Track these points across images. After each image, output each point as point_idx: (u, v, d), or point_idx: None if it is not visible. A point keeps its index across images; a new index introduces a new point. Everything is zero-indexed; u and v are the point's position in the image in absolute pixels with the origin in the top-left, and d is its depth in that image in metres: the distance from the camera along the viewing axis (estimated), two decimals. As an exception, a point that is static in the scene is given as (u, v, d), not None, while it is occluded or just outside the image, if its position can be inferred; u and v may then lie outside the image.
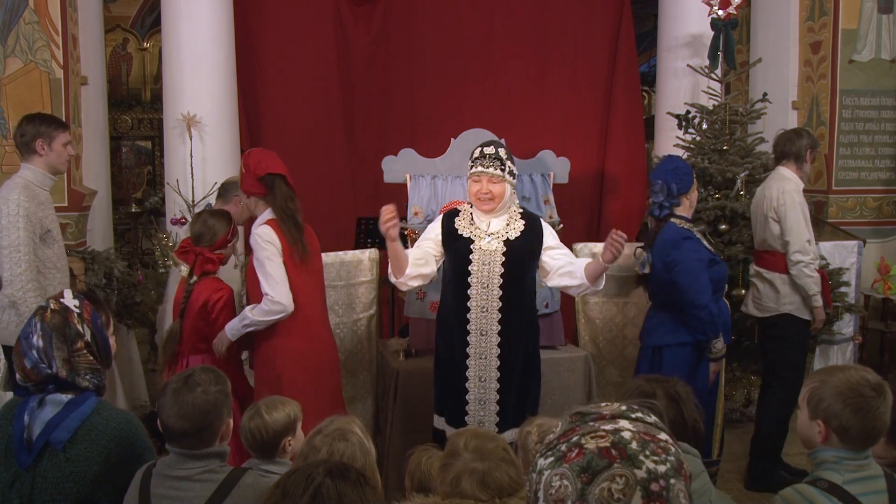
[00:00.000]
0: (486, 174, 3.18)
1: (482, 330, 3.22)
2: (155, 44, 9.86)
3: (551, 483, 1.04)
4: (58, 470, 2.05)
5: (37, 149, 3.51)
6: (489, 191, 3.19)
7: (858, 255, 5.68)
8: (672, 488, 1.01)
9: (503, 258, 3.21)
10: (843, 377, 1.99)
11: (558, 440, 1.09)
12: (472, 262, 3.22)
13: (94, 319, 2.19)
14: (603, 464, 1.01)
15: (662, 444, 1.05)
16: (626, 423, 1.07)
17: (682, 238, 3.65)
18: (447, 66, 6.38)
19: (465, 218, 3.32)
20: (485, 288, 3.20)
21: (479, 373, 3.24)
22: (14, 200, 3.34)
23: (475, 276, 3.21)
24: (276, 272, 3.20)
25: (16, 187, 3.39)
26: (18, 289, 3.32)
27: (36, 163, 3.52)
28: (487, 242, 3.23)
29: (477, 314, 3.22)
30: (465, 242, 3.25)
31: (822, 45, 6.20)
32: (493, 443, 1.96)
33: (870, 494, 1.94)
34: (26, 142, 3.51)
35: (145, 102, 10.41)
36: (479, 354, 3.23)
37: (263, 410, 2.45)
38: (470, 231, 3.27)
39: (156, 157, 10.27)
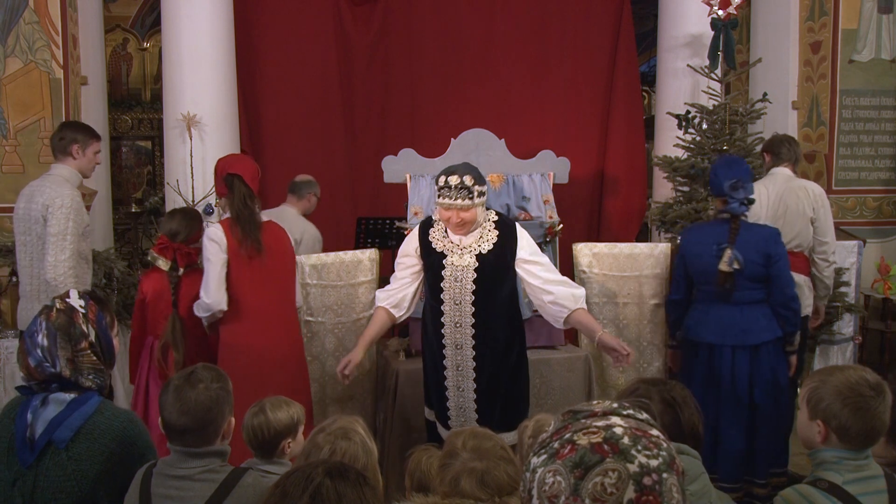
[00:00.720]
0: (454, 206, 3.08)
1: (457, 343, 3.24)
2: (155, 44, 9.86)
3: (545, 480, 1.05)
4: (60, 469, 2.05)
5: (72, 152, 3.84)
6: (461, 218, 3.12)
7: (858, 255, 5.68)
8: (665, 482, 1.02)
9: (475, 274, 3.18)
10: (843, 377, 1.99)
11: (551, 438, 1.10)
12: (444, 278, 3.21)
13: (98, 320, 2.19)
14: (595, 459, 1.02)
15: (654, 439, 1.06)
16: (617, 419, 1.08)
17: (777, 233, 3.71)
18: (447, 66, 6.38)
19: (439, 230, 3.28)
20: (457, 304, 3.20)
21: (457, 382, 3.27)
22: (68, 195, 3.71)
23: (447, 293, 3.21)
24: (212, 273, 3.34)
25: (65, 183, 3.77)
26: (60, 274, 3.63)
27: (69, 164, 3.85)
28: (459, 257, 3.21)
29: (451, 329, 3.23)
30: (438, 257, 3.23)
31: (822, 45, 6.20)
32: (490, 442, 1.97)
33: (870, 494, 1.94)
34: (63, 145, 3.83)
35: (145, 102, 10.41)
36: (456, 366, 3.26)
37: (268, 409, 2.45)
38: (443, 245, 3.24)
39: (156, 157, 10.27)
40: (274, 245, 3.49)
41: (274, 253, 3.49)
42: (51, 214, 3.67)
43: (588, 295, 4.46)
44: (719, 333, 3.68)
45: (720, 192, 3.72)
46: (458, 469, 1.88)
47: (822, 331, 5.46)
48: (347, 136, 6.30)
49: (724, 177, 3.68)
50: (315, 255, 4.19)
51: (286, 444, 2.46)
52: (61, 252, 3.64)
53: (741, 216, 3.69)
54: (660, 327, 4.45)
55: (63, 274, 3.63)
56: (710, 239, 3.71)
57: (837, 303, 5.39)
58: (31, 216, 3.76)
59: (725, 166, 3.76)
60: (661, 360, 4.46)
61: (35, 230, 3.76)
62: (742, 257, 3.60)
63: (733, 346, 3.66)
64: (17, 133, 5.08)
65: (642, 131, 6.88)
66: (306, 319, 4.07)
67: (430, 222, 3.33)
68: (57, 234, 3.65)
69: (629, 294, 4.44)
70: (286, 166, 5.97)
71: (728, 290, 3.68)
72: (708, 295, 3.75)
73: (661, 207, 5.56)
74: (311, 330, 4.09)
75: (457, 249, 3.22)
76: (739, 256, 3.61)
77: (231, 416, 2.13)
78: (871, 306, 6.03)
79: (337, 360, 4.15)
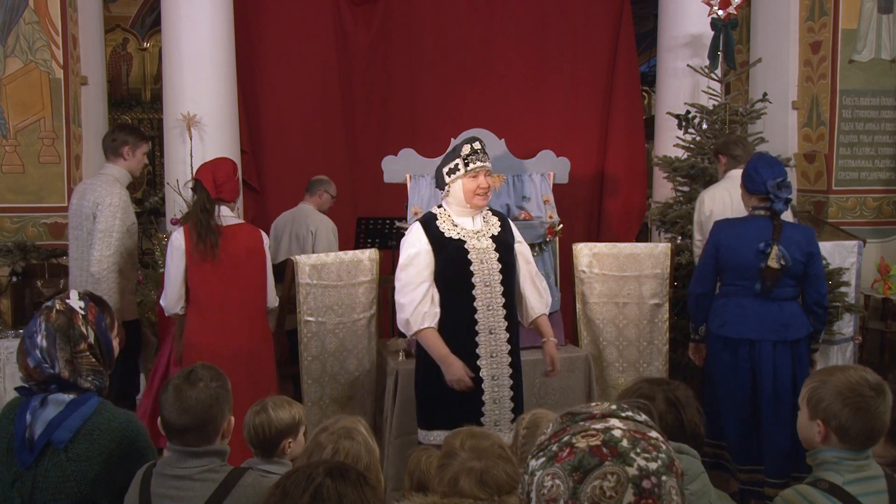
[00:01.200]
0: (484, 168, 3.20)
1: (490, 328, 3.20)
2: (155, 44, 9.86)
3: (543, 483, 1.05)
4: (59, 469, 2.05)
5: (123, 153, 4.06)
6: (487, 185, 3.21)
7: (858, 255, 5.68)
8: (664, 485, 1.01)
9: (497, 254, 3.23)
10: (843, 377, 1.99)
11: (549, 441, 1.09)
12: (472, 261, 3.19)
13: (98, 322, 2.19)
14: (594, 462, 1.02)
15: (653, 441, 1.05)
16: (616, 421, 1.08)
17: (814, 233, 3.84)
18: (447, 67, 6.38)
19: (445, 221, 3.26)
20: (487, 286, 3.19)
21: (492, 371, 3.22)
22: (118, 194, 3.94)
23: (478, 276, 3.19)
24: (169, 278, 3.58)
25: (116, 182, 3.99)
26: (105, 268, 3.84)
27: (120, 164, 4.06)
28: (478, 241, 3.23)
29: (484, 313, 3.20)
30: (457, 244, 3.21)
31: (822, 45, 6.20)
32: (489, 441, 1.97)
33: (870, 495, 1.94)
34: (115, 146, 4.06)
35: (145, 102, 10.41)
36: (490, 353, 3.21)
37: (270, 407, 2.45)
38: (457, 232, 3.23)
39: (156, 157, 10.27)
40: (239, 247, 3.62)
41: (239, 255, 3.61)
42: (100, 212, 3.87)
43: (588, 295, 4.48)
44: (760, 329, 3.68)
45: (761, 189, 3.71)
46: (457, 468, 1.88)
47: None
48: (347, 136, 6.30)
49: (768, 175, 3.69)
50: (315, 255, 4.19)
51: (287, 444, 2.46)
52: (107, 248, 3.85)
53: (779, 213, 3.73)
54: (660, 327, 4.45)
55: (107, 269, 3.84)
56: (749, 234, 3.70)
57: (837, 303, 5.39)
58: (82, 212, 3.96)
59: (767, 165, 3.75)
60: (661, 360, 4.46)
61: (85, 226, 3.95)
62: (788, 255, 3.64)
63: (774, 342, 3.67)
64: (17, 133, 5.09)
65: (642, 131, 6.88)
66: (306, 319, 4.07)
67: (431, 216, 3.30)
68: (104, 230, 3.85)
69: (629, 294, 4.44)
70: (286, 166, 5.98)
71: (770, 287, 3.68)
72: (742, 290, 3.72)
73: (661, 207, 5.56)
74: (311, 330, 4.09)
75: (472, 235, 3.24)
76: (787, 254, 3.64)
77: (231, 415, 2.13)
78: (871, 306, 6.03)
79: (337, 360, 4.16)
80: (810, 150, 6.35)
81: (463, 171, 3.20)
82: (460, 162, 3.21)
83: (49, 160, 5.11)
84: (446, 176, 3.25)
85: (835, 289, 5.39)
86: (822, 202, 6.27)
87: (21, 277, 4.52)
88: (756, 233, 3.70)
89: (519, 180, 4.41)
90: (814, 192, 6.35)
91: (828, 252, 5.58)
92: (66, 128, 5.12)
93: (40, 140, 5.10)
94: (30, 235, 5.10)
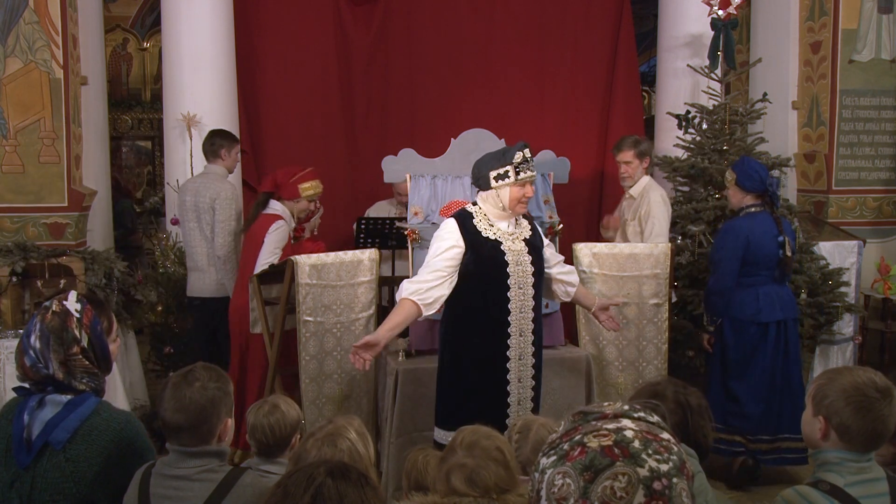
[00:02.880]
0: (533, 177, 3.26)
1: (521, 330, 3.25)
2: (155, 44, 9.86)
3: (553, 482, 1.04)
4: (57, 470, 2.05)
5: (221, 155, 4.84)
6: (532, 194, 3.28)
7: (858, 255, 5.68)
8: (675, 487, 1.01)
9: (530, 257, 3.27)
10: (851, 377, 1.97)
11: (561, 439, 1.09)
12: (509, 263, 3.22)
13: (93, 325, 2.18)
14: (605, 462, 1.01)
15: (665, 443, 1.05)
16: (628, 422, 1.07)
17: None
18: (447, 67, 6.37)
19: (482, 220, 3.26)
20: (521, 289, 3.24)
21: (519, 374, 3.26)
22: (231, 188, 4.79)
23: (513, 278, 3.22)
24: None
25: (222, 179, 4.80)
26: (229, 251, 4.72)
27: (219, 164, 4.84)
28: (513, 243, 3.26)
29: (516, 315, 3.23)
30: (494, 244, 3.22)
31: (822, 45, 6.20)
32: (488, 441, 1.95)
33: (872, 497, 1.92)
34: (215, 149, 4.84)
35: (145, 102, 10.41)
36: (519, 356, 3.26)
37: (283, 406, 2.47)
38: (493, 233, 3.25)
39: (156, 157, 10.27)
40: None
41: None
42: (218, 205, 4.69)
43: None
44: (786, 310, 4.31)
45: (761, 188, 4.24)
46: (450, 465, 1.89)
47: (822, 331, 5.46)
48: (347, 136, 6.30)
49: (765, 174, 4.28)
50: (315, 255, 4.19)
51: (296, 440, 2.48)
52: (228, 234, 4.72)
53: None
54: (660, 327, 4.45)
55: (229, 249, 4.72)
56: (766, 229, 4.22)
57: (837, 303, 5.39)
58: (200, 206, 4.74)
59: (760, 166, 4.34)
60: (661, 360, 4.46)
61: (204, 218, 4.74)
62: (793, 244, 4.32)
63: (794, 319, 4.39)
64: (17, 133, 5.08)
65: (642, 131, 6.87)
66: (305, 319, 4.07)
67: (468, 214, 3.28)
68: (224, 220, 4.70)
69: (629, 294, 4.44)
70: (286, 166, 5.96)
71: (786, 273, 4.34)
72: (763, 279, 4.27)
73: (662, 207, 5.55)
74: (309, 330, 4.09)
75: (507, 236, 3.27)
76: (792, 243, 4.31)
77: (229, 418, 2.12)
78: (871, 306, 6.03)
79: (335, 360, 4.16)
80: (810, 150, 6.35)
81: (514, 179, 3.20)
82: (511, 169, 3.20)
83: (49, 160, 5.11)
84: (493, 180, 3.22)
85: (835, 289, 5.40)
86: (822, 202, 6.27)
87: (21, 277, 4.52)
88: (768, 227, 4.22)
89: (519, 180, 4.40)
90: (814, 192, 6.35)
91: (828, 252, 5.59)
92: (66, 128, 5.11)
93: (40, 140, 5.09)
94: (30, 235, 5.09)
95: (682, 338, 5.14)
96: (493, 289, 3.21)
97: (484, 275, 3.20)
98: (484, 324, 3.22)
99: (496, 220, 3.27)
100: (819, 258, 5.47)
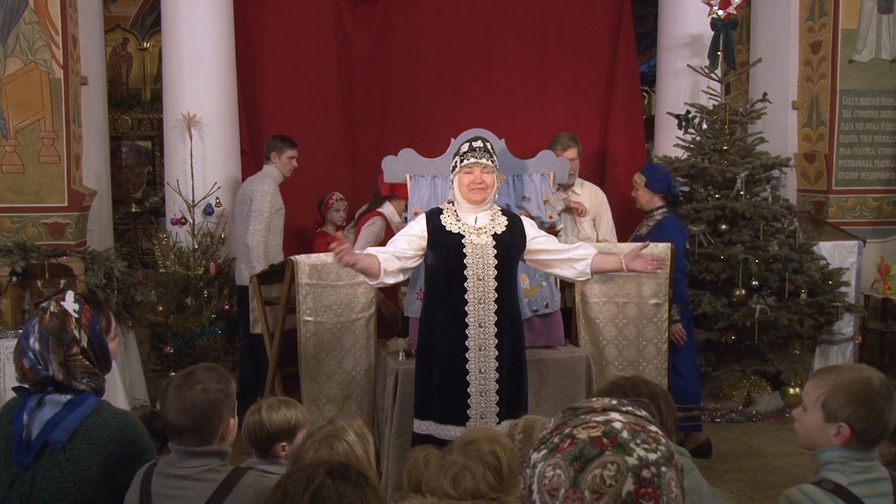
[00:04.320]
0: (479, 164, 3.32)
1: (480, 322, 3.33)
2: (155, 44, 9.87)
3: (545, 474, 1.06)
4: (57, 470, 2.05)
5: (271, 158, 5.14)
6: (482, 180, 3.33)
7: (858, 255, 5.68)
8: (663, 475, 1.03)
9: (495, 251, 3.34)
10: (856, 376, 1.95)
11: (551, 434, 1.11)
12: (467, 255, 3.32)
13: (92, 325, 2.17)
14: (595, 451, 1.03)
15: (653, 434, 1.07)
16: (616, 415, 1.10)
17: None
18: (447, 66, 6.37)
19: (450, 215, 3.41)
20: (480, 280, 3.32)
21: (479, 365, 3.34)
22: (268, 184, 5.05)
23: (471, 269, 3.32)
24: None
25: (267, 177, 5.10)
26: (256, 240, 4.93)
27: (270, 166, 5.14)
28: (477, 237, 3.35)
29: (475, 306, 3.32)
30: (456, 238, 3.35)
31: (822, 45, 6.20)
32: (487, 442, 1.91)
33: (875, 497, 1.91)
34: (267, 152, 5.18)
35: (145, 102, 10.41)
36: (479, 346, 3.34)
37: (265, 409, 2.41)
38: (458, 227, 3.37)
39: (156, 157, 10.27)
40: None
41: None
42: (254, 197, 4.98)
43: (588, 295, 4.48)
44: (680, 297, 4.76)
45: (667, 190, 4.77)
46: (443, 462, 1.88)
47: (822, 331, 5.47)
48: (347, 136, 6.30)
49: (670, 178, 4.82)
50: (315, 255, 4.19)
51: (280, 447, 2.41)
52: (258, 223, 4.94)
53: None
54: (659, 327, 4.45)
55: (257, 240, 4.93)
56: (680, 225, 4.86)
57: (837, 303, 5.39)
58: (242, 199, 5.08)
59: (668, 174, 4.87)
60: (660, 359, 4.46)
61: (243, 210, 5.04)
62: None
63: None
64: (17, 133, 5.08)
65: (642, 131, 6.88)
66: (305, 319, 4.07)
67: (438, 210, 3.46)
68: (256, 211, 4.95)
69: (629, 294, 4.43)
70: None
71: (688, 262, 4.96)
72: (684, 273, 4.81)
73: (661, 207, 5.55)
74: (309, 329, 4.09)
75: (473, 230, 3.36)
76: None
77: (231, 418, 2.11)
78: (871, 306, 6.03)
79: (335, 360, 4.16)
80: (810, 150, 6.35)
81: (458, 167, 3.37)
82: (457, 159, 3.38)
83: (49, 160, 5.11)
84: (451, 173, 3.44)
85: (835, 289, 5.40)
86: (822, 202, 6.27)
87: (21, 277, 4.52)
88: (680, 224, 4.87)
89: (519, 180, 4.40)
90: (814, 192, 6.35)
91: (828, 252, 5.60)
92: (66, 128, 5.11)
93: (40, 140, 5.09)
94: (30, 235, 5.10)
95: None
96: (452, 280, 3.33)
97: (444, 267, 3.35)
98: (445, 315, 3.36)
99: (465, 215, 3.40)
100: (819, 258, 5.48)
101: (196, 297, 5.27)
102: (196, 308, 5.25)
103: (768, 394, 5.33)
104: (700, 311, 5.11)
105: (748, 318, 5.01)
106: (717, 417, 5.23)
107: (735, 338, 5.15)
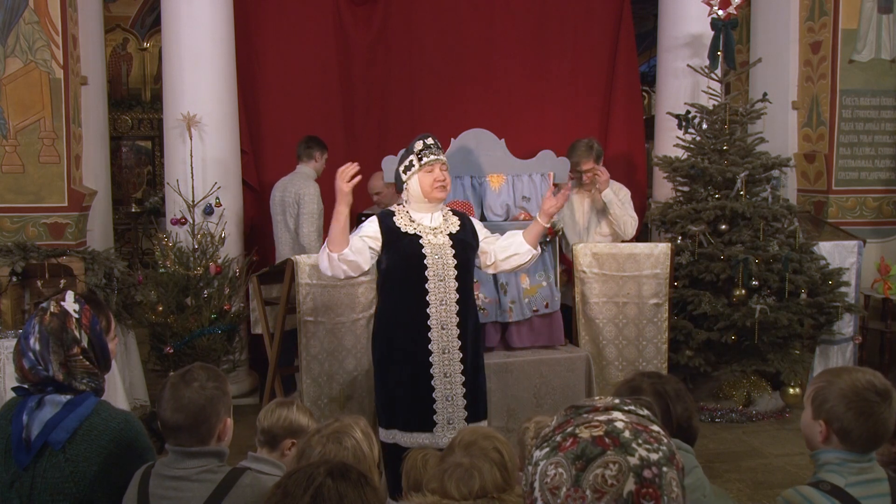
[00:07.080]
0: (439, 161, 3.27)
1: (443, 324, 3.22)
2: (155, 44, 9.86)
3: (546, 472, 1.07)
4: (57, 470, 2.05)
5: (315, 157, 5.46)
6: (444, 178, 3.28)
7: (858, 255, 5.68)
8: (664, 475, 1.03)
9: (453, 251, 3.26)
10: (850, 380, 1.97)
11: (553, 432, 1.12)
12: (426, 255, 3.22)
13: (92, 325, 2.17)
14: (596, 451, 1.04)
15: (655, 434, 1.08)
16: (619, 414, 1.10)
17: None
18: (447, 66, 6.37)
19: (403, 217, 3.31)
20: (441, 281, 3.22)
21: (444, 368, 3.22)
22: (314, 185, 5.35)
23: (431, 270, 3.22)
24: None
25: (309, 178, 5.38)
26: (313, 240, 5.24)
27: (310, 165, 5.46)
28: (434, 237, 3.27)
29: (436, 308, 3.21)
30: (413, 238, 3.25)
31: (822, 45, 6.20)
32: (486, 441, 1.94)
33: (872, 498, 1.92)
34: (310, 152, 5.46)
35: (145, 102, 10.41)
36: (443, 349, 3.22)
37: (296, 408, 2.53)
38: (413, 228, 3.27)
39: (156, 157, 10.27)
40: None
41: None
42: (303, 200, 5.25)
43: (588, 295, 4.49)
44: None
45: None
46: (447, 464, 1.88)
47: (822, 331, 5.47)
48: (347, 136, 6.30)
49: None
50: (315, 255, 4.19)
51: (289, 444, 2.46)
52: (311, 225, 5.27)
53: None
54: (659, 327, 4.46)
55: (314, 240, 5.24)
56: None
57: (837, 303, 5.39)
58: (287, 201, 5.32)
59: None
60: (660, 359, 4.46)
61: (289, 211, 5.31)
62: None
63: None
64: (17, 133, 5.08)
65: (642, 131, 6.88)
66: (305, 320, 4.07)
67: (389, 212, 3.34)
68: (308, 213, 5.25)
69: (629, 294, 4.44)
70: (286, 166, 5.96)
71: None
72: None
73: (661, 207, 5.56)
74: (309, 330, 4.09)
75: (429, 230, 3.28)
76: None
77: (227, 417, 2.11)
78: (871, 306, 6.03)
79: (336, 360, 4.17)
80: (810, 150, 6.35)
81: (418, 167, 3.27)
82: (414, 158, 3.29)
83: (49, 160, 5.11)
84: (402, 175, 3.32)
85: (835, 289, 5.40)
86: (822, 202, 6.27)
87: (21, 277, 4.52)
88: None
89: (519, 180, 4.41)
90: (814, 192, 6.35)
91: (828, 252, 5.60)
92: (66, 128, 5.11)
93: (40, 140, 5.09)
94: (30, 235, 5.10)
95: (682, 337, 5.14)
96: (412, 282, 3.22)
97: (403, 268, 3.25)
98: (406, 318, 3.24)
99: (418, 215, 3.31)
100: (819, 258, 5.48)
101: (196, 297, 5.27)
102: (196, 308, 5.24)
103: (768, 394, 5.33)
104: (700, 311, 5.11)
105: (748, 318, 5.00)
106: (717, 417, 5.23)
107: (735, 338, 5.15)
